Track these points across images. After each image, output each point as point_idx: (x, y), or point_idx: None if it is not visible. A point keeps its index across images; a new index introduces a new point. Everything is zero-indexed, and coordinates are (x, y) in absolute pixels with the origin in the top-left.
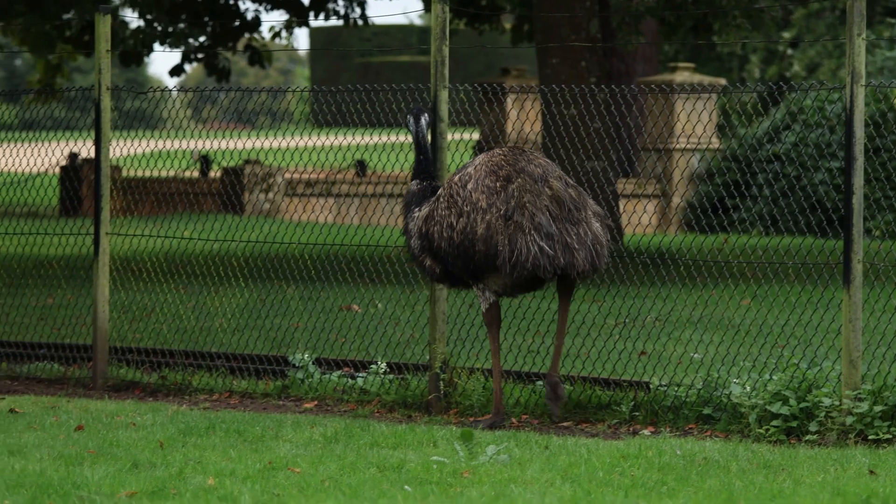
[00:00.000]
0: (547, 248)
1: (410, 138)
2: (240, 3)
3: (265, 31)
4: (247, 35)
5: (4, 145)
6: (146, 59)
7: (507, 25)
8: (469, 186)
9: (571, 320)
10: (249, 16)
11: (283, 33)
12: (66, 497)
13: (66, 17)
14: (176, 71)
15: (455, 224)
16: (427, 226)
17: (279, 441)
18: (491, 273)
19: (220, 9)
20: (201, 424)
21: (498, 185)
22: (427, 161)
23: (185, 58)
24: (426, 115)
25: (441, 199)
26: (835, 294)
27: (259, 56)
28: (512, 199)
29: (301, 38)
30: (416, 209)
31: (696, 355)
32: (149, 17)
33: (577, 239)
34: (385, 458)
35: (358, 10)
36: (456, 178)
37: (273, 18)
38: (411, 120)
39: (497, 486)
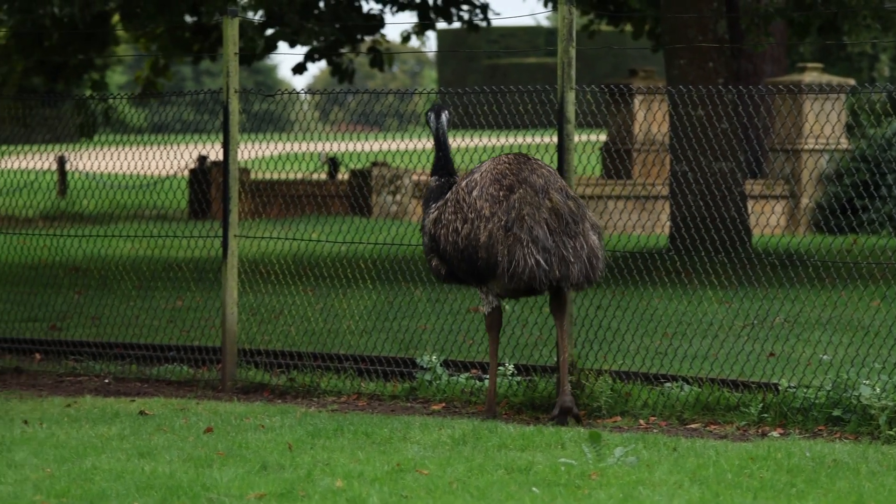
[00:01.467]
0: (542, 261)
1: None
2: (363, 3)
3: (393, 33)
4: (369, 38)
5: (134, 148)
6: (272, 61)
7: (646, 27)
8: (474, 193)
9: (699, 322)
10: (374, 16)
11: (413, 38)
12: (196, 499)
13: (189, 19)
14: (299, 69)
15: (460, 230)
16: (435, 229)
17: (407, 443)
18: (493, 279)
19: (345, 9)
20: (329, 426)
21: (501, 194)
22: (446, 158)
23: (309, 57)
24: (446, 112)
25: (449, 204)
26: None
27: (380, 58)
28: (513, 209)
29: (429, 40)
30: (433, 204)
31: (825, 357)
32: (262, 13)
33: (573, 252)
34: (513, 459)
35: (480, 14)
36: (463, 183)
37: (399, 20)
38: (432, 116)
39: (625, 487)
